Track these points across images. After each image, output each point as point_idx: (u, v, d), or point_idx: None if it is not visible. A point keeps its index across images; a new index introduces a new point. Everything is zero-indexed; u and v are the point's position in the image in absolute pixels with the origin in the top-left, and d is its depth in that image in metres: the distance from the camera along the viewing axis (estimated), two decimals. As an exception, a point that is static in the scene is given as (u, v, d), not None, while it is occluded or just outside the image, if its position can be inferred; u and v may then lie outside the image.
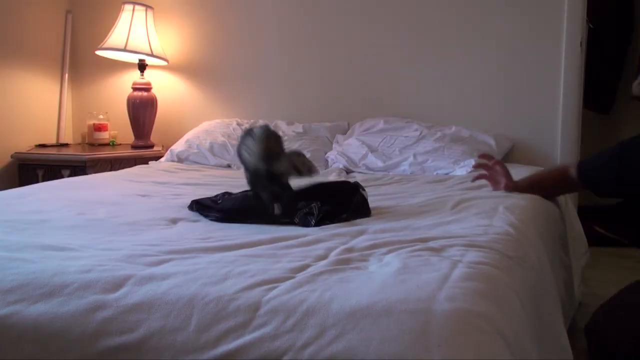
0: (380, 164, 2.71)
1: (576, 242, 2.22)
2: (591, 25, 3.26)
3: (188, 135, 3.10)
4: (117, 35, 3.20)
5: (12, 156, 3.11)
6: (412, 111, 3.06)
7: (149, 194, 2.08)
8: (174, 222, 1.64)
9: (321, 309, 0.97)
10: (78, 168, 2.96)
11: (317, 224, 1.55)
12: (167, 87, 3.42)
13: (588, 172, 1.79)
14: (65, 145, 3.40)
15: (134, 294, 1.05)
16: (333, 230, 1.47)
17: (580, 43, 2.91)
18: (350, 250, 1.30)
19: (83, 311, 1.03)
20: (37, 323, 1.02)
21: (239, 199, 1.73)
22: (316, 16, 3.22)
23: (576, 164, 1.84)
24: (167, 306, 1.02)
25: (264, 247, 1.34)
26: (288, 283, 1.07)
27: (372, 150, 2.79)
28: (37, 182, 2.76)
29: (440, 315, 0.94)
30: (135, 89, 3.28)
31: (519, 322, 1.06)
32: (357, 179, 2.29)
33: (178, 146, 3.00)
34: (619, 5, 4.10)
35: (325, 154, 2.88)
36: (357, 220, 1.61)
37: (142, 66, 3.27)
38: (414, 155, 2.69)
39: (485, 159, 2.06)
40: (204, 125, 3.19)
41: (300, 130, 3.07)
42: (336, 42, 3.20)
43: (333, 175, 2.50)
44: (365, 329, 0.93)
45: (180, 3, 3.40)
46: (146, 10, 3.25)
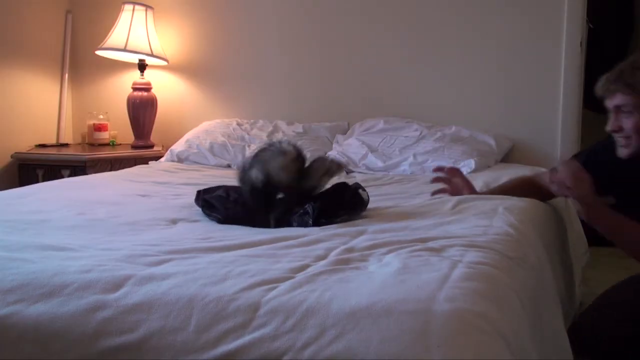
0: (380, 164, 2.71)
1: (576, 242, 2.22)
2: (591, 25, 3.26)
3: (188, 135, 3.10)
4: (117, 35, 3.20)
5: (12, 156, 3.11)
6: (412, 111, 3.06)
7: (149, 194, 2.08)
8: (174, 222, 1.65)
9: (321, 309, 0.97)
10: (78, 168, 2.96)
11: (316, 223, 1.55)
12: (167, 87, 3.42)
13: None
14: (65, 145, 3.40)
15: (133, 294, 1.05)
16: (333, 231, 1.47)
17: (580, 43, 2.91)
18: (350, 250, 1.30)
19: (83, 311, 1.03)
20: (37, 323, 1.02)
21: (240, 211, 1.70)
22: (316, 16, 3.22)
23: (550, 170, 1.81)
24: (167, 306, 1.02)
25: (263, 247, 1.34)
26: (288, 283, 1.07)
27: (372, 150, 2.79)
28: (37, 182, 2.76)
29: (440, 315, 0.94)
30: (135, 89, 3.28)
31: (519, 322, 1.06)
32: (357, 179, 2.29)
33: (178, 146, 3.00)
34: (619, 5, 4.10)
35: (326, 154, 2.87)
36: (357, 221, 1.60)
37: (142, 66, 3.28)
38: (414, 155, 2.69)
39: (438, 171, 2.02)
40: (204, 125, 3.19)
41: (300, 130, 3.07)
42: (336, 42, 3.20)
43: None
44: (365, 329, 0.92)
45: (180, 3, 3.40)
46: (146, 10, 3.25)
